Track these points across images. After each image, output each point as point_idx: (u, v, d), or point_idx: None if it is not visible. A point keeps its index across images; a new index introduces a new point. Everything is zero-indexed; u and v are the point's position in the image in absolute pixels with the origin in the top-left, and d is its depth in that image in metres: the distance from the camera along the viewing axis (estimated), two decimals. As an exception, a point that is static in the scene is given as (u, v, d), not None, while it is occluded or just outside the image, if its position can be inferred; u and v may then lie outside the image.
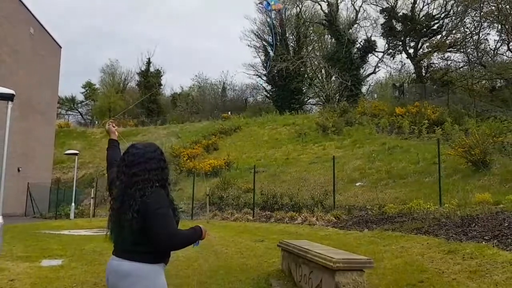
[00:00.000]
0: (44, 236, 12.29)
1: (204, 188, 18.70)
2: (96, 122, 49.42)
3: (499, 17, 29.16)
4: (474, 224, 9.50)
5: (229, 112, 41.83)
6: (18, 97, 10.14)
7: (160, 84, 53.08)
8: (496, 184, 13.68)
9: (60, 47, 30.22)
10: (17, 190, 23.41)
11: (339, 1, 41.20)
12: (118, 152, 2.93)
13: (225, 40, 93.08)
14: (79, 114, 60.94)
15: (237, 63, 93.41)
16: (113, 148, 3.04)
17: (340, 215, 13.00)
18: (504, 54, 32.39)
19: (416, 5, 38.43)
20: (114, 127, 3.18)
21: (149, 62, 51.61)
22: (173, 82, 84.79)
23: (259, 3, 38.62)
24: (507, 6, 28.54)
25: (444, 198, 12.44)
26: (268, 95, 47.98)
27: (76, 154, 22.65)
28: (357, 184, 17.22)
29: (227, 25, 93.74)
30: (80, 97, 61.07)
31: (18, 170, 23.58)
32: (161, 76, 52.74)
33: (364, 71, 42.90)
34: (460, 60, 35.88)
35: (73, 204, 21.19)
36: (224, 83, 52.77)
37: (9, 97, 9.21)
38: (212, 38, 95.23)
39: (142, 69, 51.74)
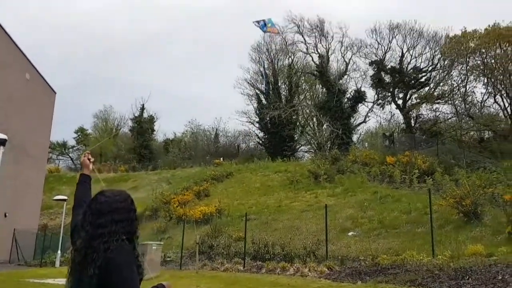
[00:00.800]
0: (28, 285, 11.88)
1: (194, 236, 18.37)
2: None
3: (485, 71, 30.27)
4: (467, 277, 9.40)
5: (221, 158, 41.87)
6: (10, 141, 10.14)
7: (153, 130, 53.35)
8: (488, 236, 13.65)
9: (55, 92, 30.53)
10: (3, 236, 22.82)
11: (329, 53, 42.67)
12: (89, 191, 2.73)
13: (219, 88, 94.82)
14: (69, 159, 60.64)
15: (230, 110, 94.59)
16: (84, 184, 2.77)
17: (333, 266, 12.78)
18: (491, 107, 33.33)
19: (404, 59, 39.86)
20: (90, 160, 2.87)
21: (143, 108, 52.12)
22: (166, 128, 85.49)
23: (256, 22, 39.82)
24: (492, 61, 29.69)
25: (437, 249, 12.35)
26: (261, 141, 48.37)
27: (64, 200, 22.33)
28: (350, 233, 17.06)
29: (222, 73, 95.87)
30: (72, 142, 61.05)
31: (5, 216, 23.10)
32: (155, 121, 53.11)
33: (355, 120, 43.74)
34: (448, 112, 36.84)
35: (59, 251, 20.63)
36: (217, 129, 53.24)
37: (1, 142, 9.21)
38: (206, 85, 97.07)
39: (136, 114, 52.11)
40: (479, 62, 30.60)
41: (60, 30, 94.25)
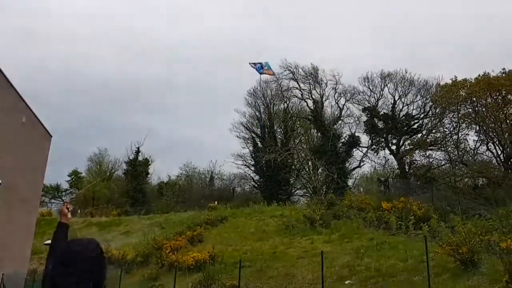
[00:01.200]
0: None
1: (186, 284, 17.94)
2: (79, 211, 48.43)
3: (477, 119, 30.82)
4: (467, 330, 9.17)
5: (216, 202, 41.51)
6: (2, 183, 10.09)
7: (148, 173, 53.09)
8: (485, 284, 13.45)
9: (51, 136, 30.57)
10: (-11, 281, 22.14)
11: (323, 99, 43.49)
12: (65, 239, 2.78)
13: (215, 131, 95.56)
14: (62, 202, 59.85)
15: (225, 153, 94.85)
16: (60, 233, 2.85)
17: (329, 316, 12.43)
18: (484, 154, 33.67)
19: (396, 106, 40.66)
20: (68, 209, 2.98)
21: (138, 151, 52.09)
22: (161, 171, 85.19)
23: (253, 64, 40.64)
24: (483, 109, 30.32)
25: (435, 299, 12.11)
26: (256, 185, 48.21)
27: (55, 244, 21.87)
28: (347, 282, 16.72)
29: (217, 117, 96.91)
30: (65, 185, 60.52)
31: (-7, 260, 22.51)
32: (149, 164, 52.97)
33: (350, 164, 43.95)
34: (441, 158, 37.15)
35: (46, 299, 19.98)
36: (212, 172, 53.10)
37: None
38: (202, 129, 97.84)
39: (131, 157, 52.00)
40: (470, 110, 31.24)
41: (56, 75, 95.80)
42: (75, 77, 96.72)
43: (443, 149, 35.67)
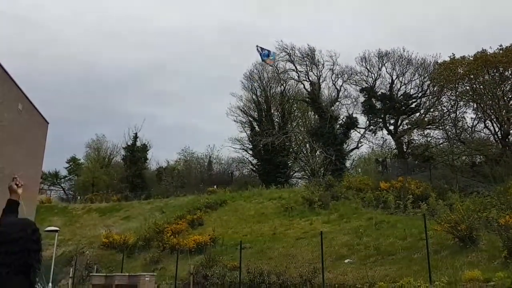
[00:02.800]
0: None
1: (188, 266, 18.11)
2: (79, 197, 48.53)
3: (474, 97, 30.74)
4: (466, 304, 9.29)
5: (215, 186, 41.61)
6: (1, 171, 10.04)
7: (146, 159, 53.04)
8: (484, 261, 13.60)
9: (48, 122, 30.42)
10: (-9, 269, 22.28)
11: (320, 81, 43.18)
12: (15, 217, 2.58)
13: (212, 116, 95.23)
14: (61, 189, 59.91)
15: (223, 138, 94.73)
16: (6, 211, 2.62)
17: (329, 294, 12.59)
18: (482, 131, 33.68)
19: (393, 85, 40.48)
20: (18, 184, 2.75)
21: (136, 137, 51.93)
22: (159, 156, 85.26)
23: (260, 48, 39.99)
24: (481, 86, 30.22)
25: (434, 275, 12.27)
26: (254, 168, 48.27)
27: (56, 231, 21.94)
28: (346, 261, 16.90)
29: (214, 102, 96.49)
30: (64, 172, 60.44)
31: (-6, 248, 22.64)
32: (148, 150, 52.82)
33: (348, 146, 43.91)
34: (439, 137, 37.16)
35: (50, 284, 20.12)
36: (210, 157, 53.06)
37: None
38: (199, 113, 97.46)
39: (129, 143, 51.88)
40: (468, 88, 31.13)
41: (53, 61, 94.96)
42: (70, 63, 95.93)
43: (441, 127, 35.68)
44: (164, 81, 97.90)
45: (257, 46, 40.59)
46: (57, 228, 22.64)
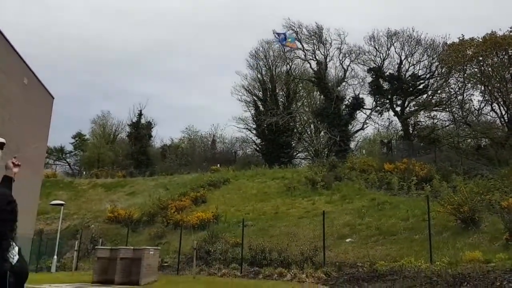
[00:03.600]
0: (22, 290, 11.75)
1: (191, 241, 18.32)
2: (84, 172, 48.95)
3: (482, 79, 30.38)
4: (466, 283, 9.38)
5: (218, 165, 41.78)
6: (7, 145, 10.07)
7: (151, 136, 53.25)
8: (486, 242, 13.66)
9: (53, 97, 30.42)
10: (-2, 241, 22.63)
11: (327, 60, 42.70)
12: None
13: (217, 95, 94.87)
14: (67, 164, 60.39)
15: (227, 117, 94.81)
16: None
17: (330, 272, 12.75)
18: (488, 114, 33.42)
19: (402, 66, 39.99)
20: (14, 163, 2.88)
21: (140, 114, 52.01)
22: (164, 134, 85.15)
23: (276, 34, 39.45)
24: (489, 69, 29.82)
25: (434, 255, 12.35)
26: (258, 148, 48.32)
27: (62, 204, 22.24)
28: (348, 240, 17.03)
29: (219, 81, 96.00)
30: (69, 147, 60.84)
31: (0, 220, 22.95)
32: (152, 128, 52.98)
33: (353, 127, 43.69)
34: (446, 119, 36.91)
35: (55, 256, 20.50)
36: (214, 135, 53.15)
37: (-1, 146, 9.15)
38: (203, 92, 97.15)
39: (134, 120, 52.03)
40: (476, 70, 30.75)
41: (59, 38, 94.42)
42: (75, 41, 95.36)
43: (447, 109, 35.41)
44: (169, 61, 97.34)
45: (273, 31, 40.01)
46: (62, 202, 22.94)
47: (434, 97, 37.01)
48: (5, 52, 23.32)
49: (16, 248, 2.31)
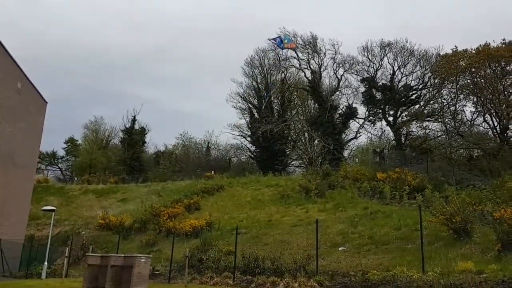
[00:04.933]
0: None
1: (184, 249, 18.22)
2: (76, 178, 48.53)
3: (475, 90, 30.68)
4: (458, 294, 9.39)
5: (213, 172, 41.69)
6: (0, 150, 10.01)
7: (144, 142, 53.02)
8: (478, 253, 13.71)
9: (46, 102, 30.30)
10: (-12, 246, 22.36)
11: (322, 70, 43.00)
12: None
13: (211, 102, 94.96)
14: (58, 169, 59.93)
15: (222, 124, 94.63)
16: None
17: (323, 281, 12.72)
18: (480, 125, 33.73)
19: (395, 76, 40.40)
20: None
21: (134, 120, 51.83)
22: (157, 140, 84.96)
23: (272, 39, 39.54)
24: (482, 80, 30.15)
25: (427, 265, 12.36)
26: (252, 155, 48.33)
27: (53, 210, 22.04)
28: (340, 248, 17.02)
29: (213, 88, 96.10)
30: (61, 153, 60.39)
31: (-9, 226, 22.68)
32: (146, 133, 52.79)
33: (346, 136, 43.95)
34: (438, 129, 37.21)
35: (45, 263, 20.26)
36: (208, 142, 53.10)
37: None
38: (198, 100, 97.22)
39: (127, 126, 51.78)
40: (469, 81, 31.07)
41: (53, 44, 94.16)
42: (73, 45, 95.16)
43: (440, 120, 35.71)
44: (164, 67, 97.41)
45: (268, 39, 40.17)
46: (54, 208, 22.74)
47: (426, 108, 37.34)
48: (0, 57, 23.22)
49: None
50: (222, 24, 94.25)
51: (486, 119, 32.48)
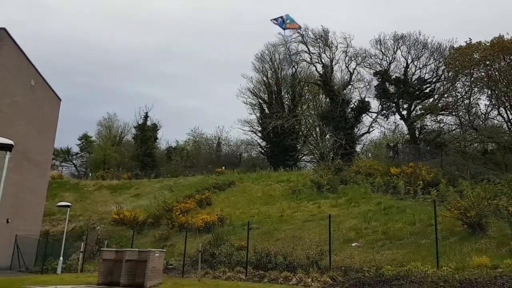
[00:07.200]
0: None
1: (196, 244, 18.32)
2: (90, 174, 49.05)
3: (489, 83, 30.19)
4: (473, 289, 9.31)
5: (223, 167, 41.80)
6: (14, 147, 10.15)
7: (156, 138, 53.38)
8: (493, 248, 13.56)
9: (60, 99, 30.62)
10: (4, 242, 22.73)
11: (333, 63, 42.66)
12: None
13: (222, 98, 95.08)
14: (73, 166, 60.65)
15: (233, 119, 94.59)
16: None
17: (336, 276, 12.68)
18: (495, 118, 33.23)
19: (408, 69, 39.91)
20: None
21: (146, 116, 52.25)
22: (169, 136, 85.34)
23: (274, 20, 39.29)
24: (496, 73, 29.65)
25: (441, 260, 12.26)
26: (263, 151, 48.29)
27: (68, 206, 22.29)
28: (353, 244, 16.95)
29: (225, 85, 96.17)
30: (76, 149, 61.11)
31: (7, 221, 23.02)
32: (158, 130, 53.16)
33: (358, 130, 43.54)
34: (452, 123, 36.75)
35: (61, 258, 20.54)
36: (219, 138, 53.21)
37: (8, 147, 9.24)
38: (209, 96, 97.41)
39: (140, 122, 52.21)
40: (483, 74, 30.55)
41: (64, 42, 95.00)
42: (81, 43, 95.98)
43: (454, 113, 35.24)
44: (174, 64, 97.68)
45: (271, 20, 39.74)
46: (69, 204, 22.99)
47: (440, 101, 36.84)
48: (12, 54, 23.51)
49: None
50: (227, 19, 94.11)
51: (501, 112, 31.97)
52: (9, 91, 23.14)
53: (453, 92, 35.42)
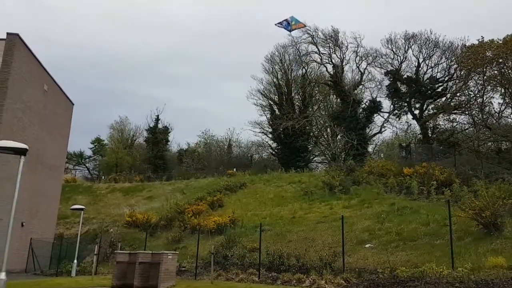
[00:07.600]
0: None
1: (209, 246, 18.35)
2: (103, 177, 49.52)
3: (502, 81, 29.77)
4: (490, 291, 9.18)
5: (234, 169, 41.86)
6: (28, 152, 10.27)
7: (168, 141, 53.70)
8: (509, 248, 13.37)
9: (73, 104, 30.98)
10: (20, 245, 23.01)
11: (344, 64, 42.46)
12: None
13: (232, 100, 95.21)
14: (86, 169, 61.28)
15: (243, 121, 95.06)
16: None
17: (350, 278, 12.60)
18: (509, 117, 32.77)
19: (420, 69, 39.54)
20: None
21: (157, 119, 52.62)
22: (180, 139, 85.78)
23: (279, 23, 39.19)
24: (509, 71, 29.23)
25: (456, 261, 12.12)
26: (274, 152, 48.24)
27: (82, 209, 22.47)
28: (367, 245, 16.83)
29: (235, 86, 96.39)
30: (88, 152, 61.77)
31: (22, 225, 23.30)
32: (169, 132, 53.51)
33: (370, 130, 43.27)
34: (465, 122, 36.27)
35: (75, 261, 20.72)
36: (230, 140, 53.34)
37: (22, 152, 9.35)
38: (219, 98, 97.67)
39: (151, 125, 52.61)
40: (496, 72, 30.12)
41: (75, 47, 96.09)
42: (90, 48, 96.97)
43: (467, 112, 34.79)
44: (185, 66, 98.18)
45: (275, 24, 39.63)
46: (82, 207, 23.18)
47: (453, 100, 36.43)
48: (26, 59, 23.82)
49: None
50: (237, 22, 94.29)
51: (515, 110, 31.53)
52: (23, 96, 23.44)
53: (466, 91, 35.00)
